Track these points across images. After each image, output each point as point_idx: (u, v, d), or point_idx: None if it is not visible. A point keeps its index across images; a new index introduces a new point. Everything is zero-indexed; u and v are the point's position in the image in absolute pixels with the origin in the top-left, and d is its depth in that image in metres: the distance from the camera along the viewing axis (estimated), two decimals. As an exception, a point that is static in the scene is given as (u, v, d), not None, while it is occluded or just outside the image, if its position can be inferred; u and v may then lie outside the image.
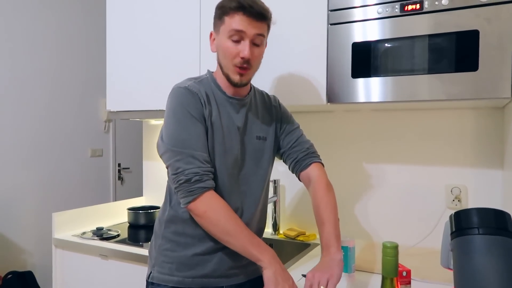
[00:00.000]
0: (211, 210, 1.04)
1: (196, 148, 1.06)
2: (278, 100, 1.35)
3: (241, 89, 1.20)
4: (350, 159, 1.74)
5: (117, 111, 1.95)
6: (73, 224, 1.90)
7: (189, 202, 1.04)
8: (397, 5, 1.32)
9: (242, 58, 1.09)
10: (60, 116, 3.16)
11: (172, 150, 1.06)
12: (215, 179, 1.11)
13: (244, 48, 1.08)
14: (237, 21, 1.08)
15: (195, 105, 1.09)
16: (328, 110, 1.76)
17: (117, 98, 1.93)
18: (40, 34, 2.97)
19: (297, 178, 1.31)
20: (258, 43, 1.12)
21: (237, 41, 1.09)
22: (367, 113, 1.71)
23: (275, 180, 1.84)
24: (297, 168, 1.28)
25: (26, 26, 2.86)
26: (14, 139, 2.83)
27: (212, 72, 1.23)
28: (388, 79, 1.33)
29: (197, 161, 1.04)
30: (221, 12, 1.12)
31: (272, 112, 1.30)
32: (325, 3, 1.43)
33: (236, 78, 1.13)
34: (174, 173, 1.05)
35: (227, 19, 1.09)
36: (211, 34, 1.19)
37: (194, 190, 1.03)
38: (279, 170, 1.89)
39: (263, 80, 1.54)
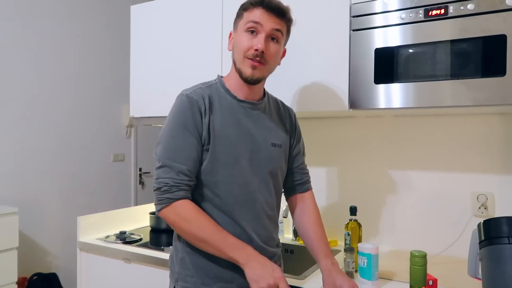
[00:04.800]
0: (180, 219, 1.04)
1: (176, 159, 1.05)
2: (295, 114, 1.32)
3: (253, 92, 1.16)
4: (373, 165, 1.72)
5: (140, 117, 1.99)
6: (97, 228, 1.93)
7: (159, 211, 1.06)
8: (421, 11, 1.30)
9: (256, 50, 1.07)
10: (84, 122, 3.24)
11: (157, 158, 1.08)
12: (220, 191, 1.09)
13: (259, 41, 1.07)
14: (255, 14, 1.08)
15: (191, 114, 1.07)
16: (349, 115, 1.75)
17: (140, 105, 1.97)
18: (65, 42, 3.06)
19: (318, 184, 1.31)
20: (275, 37, 1.10)
21: (253, 34, 1.08)
22: (390, 119, 1.69)
23: (296, 186, 1.84)
24: (298, 189, 1.28)
25: (52, 34, 2.95)
26: (40, 144, 2.92)
27: (223, 76, 1.21)
28: (412, 84, 1.31)
29: (172, 172, 1.04)
30: (241, 9, 1.13)
31: (286, 122, 1.26)
32: (347, 10, 1.43)
33: (248, 71, 1.09)
34: (154, 179, 1.08)
35: (245, 14, 1.10)
36: (230, 34, 1.18)
37: (162, 199, 1.05)
38: (300, 176, 1.89)
39: (284, 86, 1.54)
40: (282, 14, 1.10)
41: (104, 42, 3.37)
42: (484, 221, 0.93)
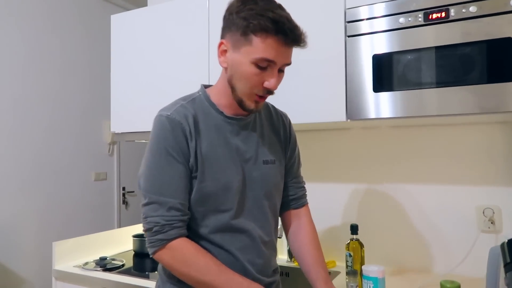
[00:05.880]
0: (178, 262, 0.92)
1: (164, 193, 0.92)
2: (290, 120, 1.18)
3: None
4: (371, 179, 1.63)
5: (122, 133, 1.86)
6: (75, 254, 1.78)
7: (153, 253, 0.93)
8: (421, 14, 1.23)
9: (266, 88, 0.93)
10: (63, 139, 3.08)
11: (142, 193, 0.94)
12: (209, 221, 0.96)
13: (272, 78, 0.92)
14: (271, 48, 0.88)
15: (174, 139, 0.93)
16: (344, 127, 1.66)
17: (122, 119, 1.85)
18: (43, 56, 2.93)
19: (313, 200, 1.20)
20: (283, 69, 0.97)
21: (263, 68, 0.91)
22: (386, 130, 1.61)
23: (289, 203, 1.73)
24: (292, 204, 1.15)
25: (30, 49, 2.82)
26: (14, 163, 2.74)
27: (207, 87, 1.06)
28: (414, 92, 1.23)
29: (162, 209, 0.91)
30: (246, 27, 0.89)
31: (280, 131, 1.12)
32: (342, 15, 1.35)
33: (251, 105, 0.96)
34: (142, 218, 0.94)
35: (256, 41, 0.88)
36: (220, 44, 0.96)
37: (154, 242, 0.92)
38: (294, 192, 1.78)
39: (276, 97, 1.44)
40: (299, 44, 0.93)
41: (85, 56, 3.25)
42: (508, 241, 0.83)
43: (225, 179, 0.96)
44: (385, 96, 1.27)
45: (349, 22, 1.33)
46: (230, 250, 0.97)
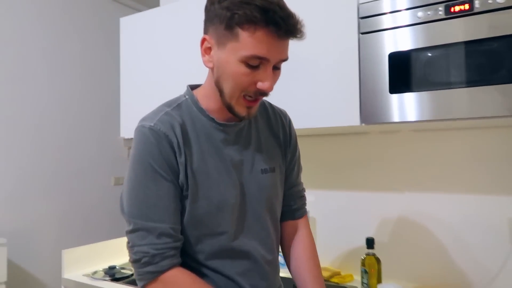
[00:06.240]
0: None
1: (153, 217, 0.79)
2: (289, 119, 1.05)
3: None
4: (389, 187, 1.51)
5: (131, 138, 1.82)
6: (85, 262, 1.75)
7: (143, 287, 0.82)
8: (441, 7, 1.12)
9: (259, 89, 0.80)
10: (82, 143, 3.09)
11: (126, 218, 0.82)
12: (204, 245, 0.85)
13: (265, 78, 0.79)
14: (261, 43, 0.75)
15: (160, 153, 0.80)
16: (361, 131, 1.55)
17: (132, 124, 1.81)
18: (64, 60, 2.96)
19: (327, 209, 1.10)
20: (279, 66, 0.83)
21: (254, 66, 0.78)
22: (407, 134, 1.49)
23: (303, 212, 1.63)
24: (289, 216, 1.03)
25: (51, 53, 2.86)
26: (35, 167, 2.78)
27: (193, 88, 0.93)
28: (434, 93, 1.12)
29: (151, 236, 0.79)
30: (230, 18, 0.75)
31: (279, 133, 0.99)
32: (354, 10, 1.25)
33: (243, 111, 0.83)
34: (127, 246, 0.82)
35: (243, 35, 0.75)
36: (203, 41, 0.83)
37: (143, 275, 0.80)
38: (308, 200, 1.68)
39: (280, 98, 1.36)
40: (296, 35, 0.79)
41: (105, 60, 3.26)
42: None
43: (219, 196, 0.85)
44: (405, 97, 1.16)
45: (362, 18, 1.23)
46: (230, 275, 0.87)
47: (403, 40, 1.16)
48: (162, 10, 1.72)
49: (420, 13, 1.15)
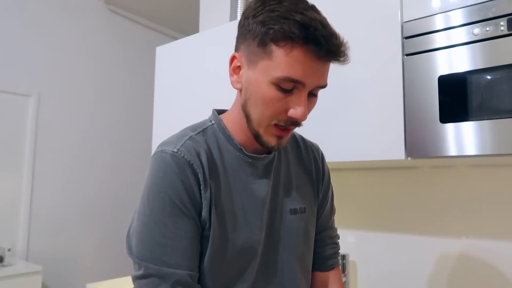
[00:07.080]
0: None
1: (169, 261, 0.67)
2: (322, 153, 0.93)
3: None
4: (443, 231, 1.30)
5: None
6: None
7: None
8: (503, 22, 0.95)
9: (290, 118, 0.69)
10: (122, 173, 3.12)
11: (136, 260, 0.69)
12: None
13: (299, 105, 0.68)
14: (298, 63, 0.65)
15: (182, 184, 0.69)
16: (409, 166, 1.37)
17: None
18: (105, 92, 3.06)
19: (370, 253, 0.93)
20: (316, 93, 0.72)
21: (288, 90, 0.68)
22: (464, 170, 1.28)
23: (343, 256, 1.45)
24: (318, 266, 0.89)
25: (96, 86, 2.97)
26: (75, 197, 2.82)
27: (220, 113, 0.82)
28: (496, 122, 0.94)
29: (164, 285, 0.66)
30: (265, 34, 0.66)
31: (312, 169, 0.88)
32: (398, 30, 1.11)
33: (272, 141, 0.72)
34: None
35: (277, 53, 0.65)
36: (232, 59, 0.74)
37: None
38: (348, 241, 1.50)
39: (312, 128, 1.23)
40: (338, 57, 0.68)
41: (145, 89, 3.33)
42: None
43: (244, 239, 0.73)
44: (460, 127, 0.98)
45: (406, 38, 1.09)
46: None
47: (455, 61, 1.00)
48: (198, 37, 1.68)
49: (476, 29, 0.98)
